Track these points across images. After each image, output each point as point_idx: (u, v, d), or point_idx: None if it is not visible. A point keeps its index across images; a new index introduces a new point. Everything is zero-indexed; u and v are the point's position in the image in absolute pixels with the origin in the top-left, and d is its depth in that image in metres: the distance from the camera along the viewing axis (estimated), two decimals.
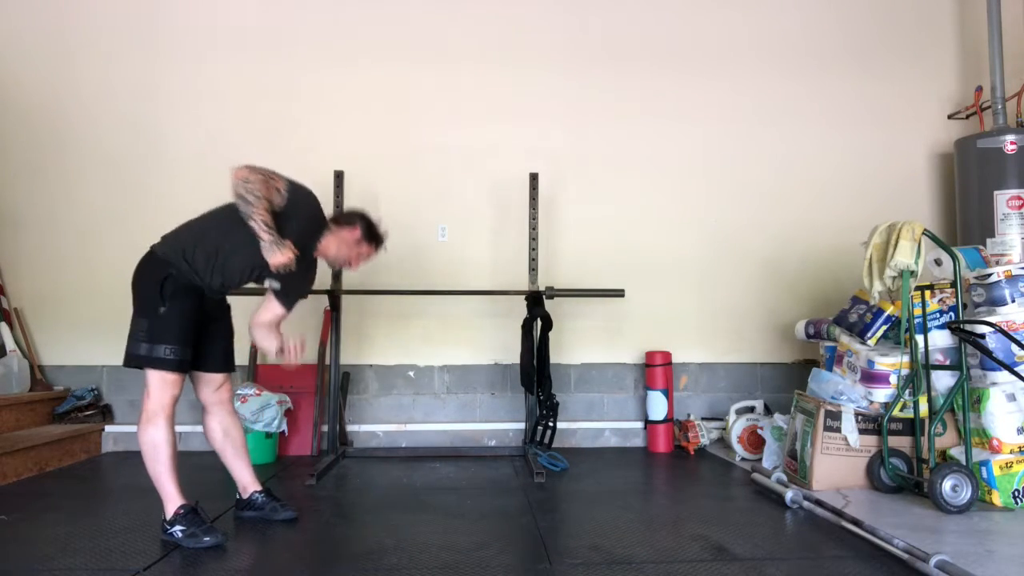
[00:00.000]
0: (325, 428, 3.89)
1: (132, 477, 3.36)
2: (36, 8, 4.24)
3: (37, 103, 4.22)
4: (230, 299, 2.69)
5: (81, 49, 4.24)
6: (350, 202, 4.12)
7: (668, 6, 4.45)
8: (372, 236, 2.62)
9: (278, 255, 2.32)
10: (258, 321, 2.53)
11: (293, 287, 2.55)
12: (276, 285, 2.52)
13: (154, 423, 2.31)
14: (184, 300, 2.38)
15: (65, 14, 4.24)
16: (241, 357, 4.06)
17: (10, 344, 3.95)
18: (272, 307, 2.54)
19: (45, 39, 4.23)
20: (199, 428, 3.94)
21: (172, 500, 2.31)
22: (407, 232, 4.25)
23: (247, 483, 2.61)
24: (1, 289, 4.07)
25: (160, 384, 2.33)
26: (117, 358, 4.04)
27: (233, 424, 2.62)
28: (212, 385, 2.56)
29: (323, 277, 4.02)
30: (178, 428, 4.00)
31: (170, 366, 2.33)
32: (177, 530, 2.27)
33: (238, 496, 2.63)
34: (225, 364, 2.58)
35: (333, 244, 2.59)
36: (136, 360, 2.36)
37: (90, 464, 3.66)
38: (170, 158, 4.22)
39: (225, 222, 2.42)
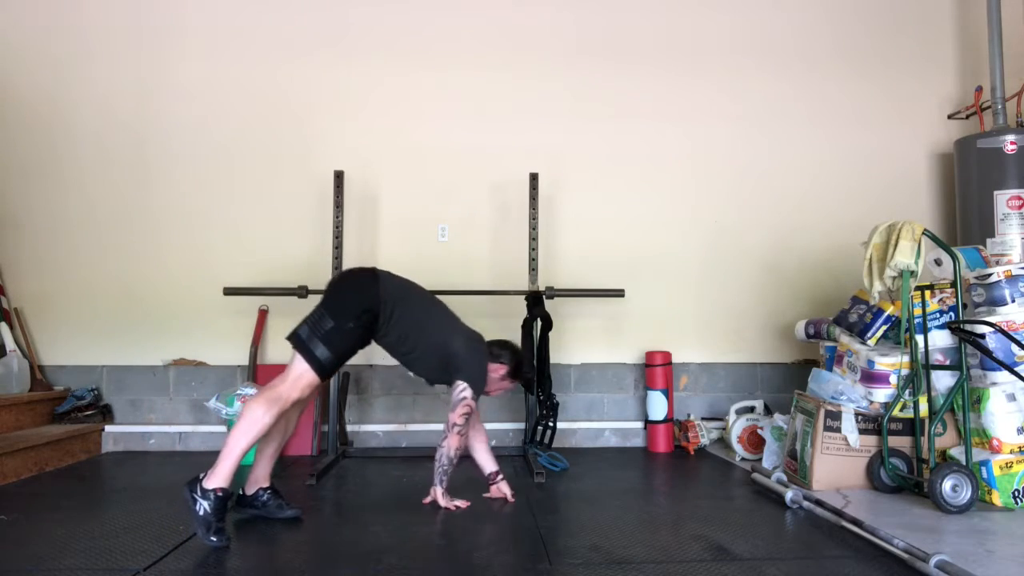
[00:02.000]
0: (325, 428, 3.89)
1: (132, 477, 3.36)
2: (35, 8, 4.24)
3: (37, 103, 4.22)
4: None
5: (81, 49, 4.24)
6: (350, 202, 4.13)
7: (670, 6, 4.46)
8: (516, 375, 2.93)
9: (441, 501, 2.70)
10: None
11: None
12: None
13: (271, 407, 2.38)
14: (366, 332, 2.61)
15: (65, 14, 4.24)
16: (240, 357, 4.09)
17: (10, 344, 3.95)
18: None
19: (45, 39, 4.23)
20: (200, 428, 4.02)
21: (222, 477, 2.29)
22: (407, 232, 4.26)
23: (261, 477, 2.60)
24: (1, 289, 4.07)
25: (299, 378, 2.46)
26: (117, 358, 4.12)
27: (296, 420, 2.70)
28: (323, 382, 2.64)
29: (323, 277, 4.03)
30: (178, 428, 4.06)
31: (318, 370, 2.47)
32: (204, 505, 2.26)
33: (241, 491, 2.61)
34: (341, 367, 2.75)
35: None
36: (300, 344, 2.50)
37: (90, 464, 3.66)
38: (170, 158, 4.22)
39: (436, 332, 2.75)
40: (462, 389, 2.68)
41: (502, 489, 2.89)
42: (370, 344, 2.70)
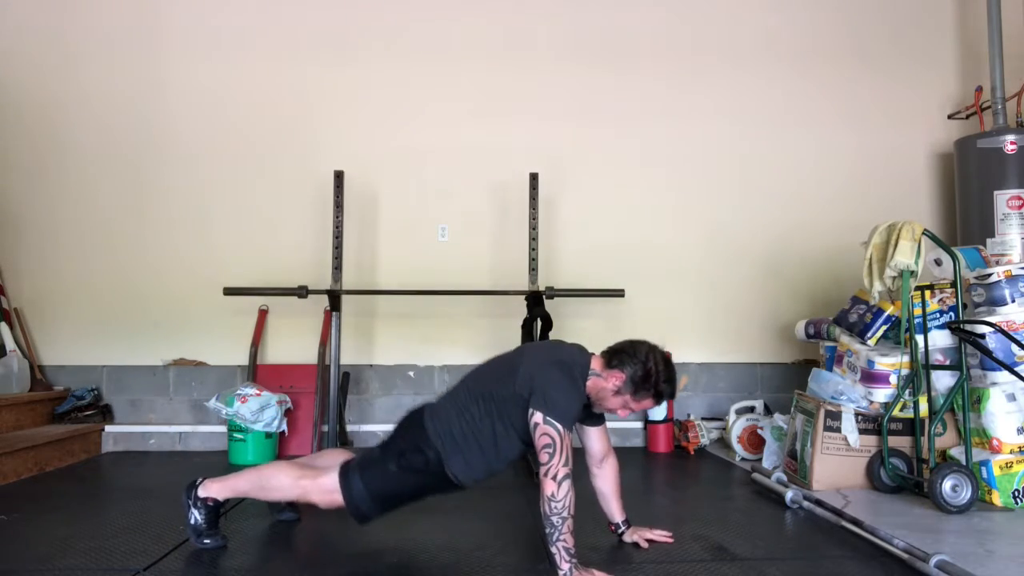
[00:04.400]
0: (325, 428, 3.88)
1: (132, 477, 3.37)
2: (36, 8, 4.24)
3: (37, 103, 4.22)
4: None
5: (82, 49, 4.23)
6: (350, 202, 4.12)
7: (671, 7, 4.45)
8: (640, 387, 2.07)
9: None
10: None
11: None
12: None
13: (292, 486, 2.18)
14: (419, 476, 2.13)
15: (65, 14, 4.24)
16: (240, 357, 4.09)
17: (10, 344, 3.95)
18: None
19: (45, 39, 4.23)
20: (200, 428, 4.02)
21: (219, 490, 2.27)
22: (407, 232, 4.26)
23: None
24: (1, 289, 4.07)
25: (330, 492, 2.12)
26: (117, 358, 4.12)
27: (335, 464, 2.40)
28: None
29: (323, 277, 4.03)
30: (178, 428, 4.06)
31: (355, 514, 2.14)
32: (194, 513, 2.25)
33: None
34: None
35: (593, 389, 2.13)
36: (344, 473, 2.14)
37: (90, 464, 3.66)
38: (170, 158, 4.22)
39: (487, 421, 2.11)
40: (531, 416, 1.97)
41: (650, 536, 2.27)
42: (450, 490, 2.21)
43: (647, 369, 2.07)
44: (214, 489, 2.28)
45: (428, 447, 2.11)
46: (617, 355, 2.11)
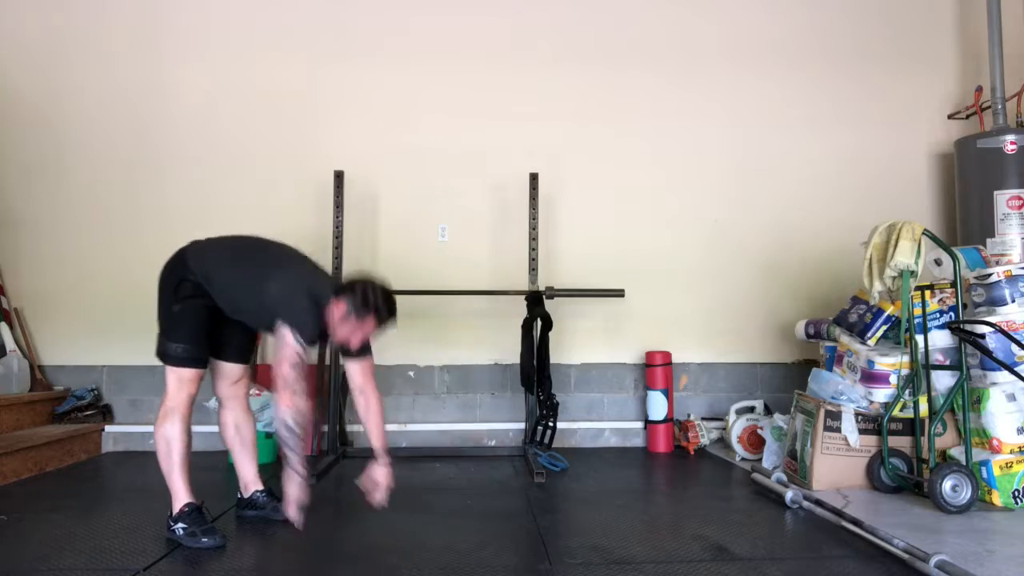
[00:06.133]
0: (325, 428, 3.89)
1: (132, 477, 3.37)
2: (36, 8, 4.24)
3: (37, 103, 4.22)
4: None
5: (81, 49, 4.23)
6: (350, 202, 4.12)
7: (668, 6, 4.45)
8: (359, 309, 2.31)
9: (295, 495, 2.30)
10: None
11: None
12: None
13: (169, 420, 2.34)
14: (198, 300, 2.39)
15: (65, 14, 4.24)
16: None
17: (10, 344, 3.95)
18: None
19: (45, 39, 4.23)
20: (199, 428, 3.94)
21: (179, 497, 2.32)
22: (407, 232, 4.26)
23: (249, 481, 2.62)
24: (1, 289, 4.07)
25: (176, 382, 2.37)
26: (117, 358, 4.13)
27: (245, 420, 2.63)
28: (229, 378, 2.57)
29: None
30: None
31: (183, 363, 2.36)
32: (179, 527, 2.28)
33: (239, 495, 2.63)
34: (241, 356, 2.58)
35: (329, 317, 2.36)
36: (158, 354, 2.41)
37: (90, 464, 3.66)
38: (170, 158, 4.22)
39: (249, 271, 2.40)
40: (281, 333, 2.26)
41: (375, 477, 2.48)
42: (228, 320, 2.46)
43: (364, 293, 2.30)
44: (178, 499, 2.32)
45: (187, 278, 2.38)
46: (343, 287, 2.35)
